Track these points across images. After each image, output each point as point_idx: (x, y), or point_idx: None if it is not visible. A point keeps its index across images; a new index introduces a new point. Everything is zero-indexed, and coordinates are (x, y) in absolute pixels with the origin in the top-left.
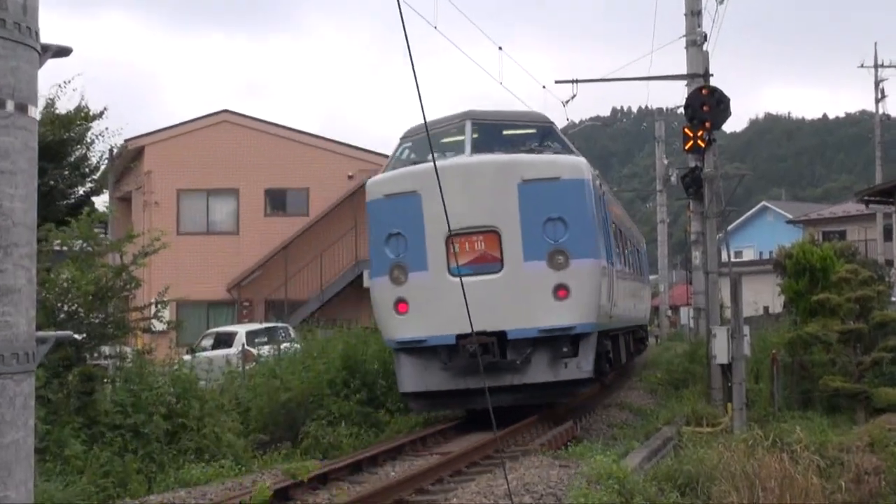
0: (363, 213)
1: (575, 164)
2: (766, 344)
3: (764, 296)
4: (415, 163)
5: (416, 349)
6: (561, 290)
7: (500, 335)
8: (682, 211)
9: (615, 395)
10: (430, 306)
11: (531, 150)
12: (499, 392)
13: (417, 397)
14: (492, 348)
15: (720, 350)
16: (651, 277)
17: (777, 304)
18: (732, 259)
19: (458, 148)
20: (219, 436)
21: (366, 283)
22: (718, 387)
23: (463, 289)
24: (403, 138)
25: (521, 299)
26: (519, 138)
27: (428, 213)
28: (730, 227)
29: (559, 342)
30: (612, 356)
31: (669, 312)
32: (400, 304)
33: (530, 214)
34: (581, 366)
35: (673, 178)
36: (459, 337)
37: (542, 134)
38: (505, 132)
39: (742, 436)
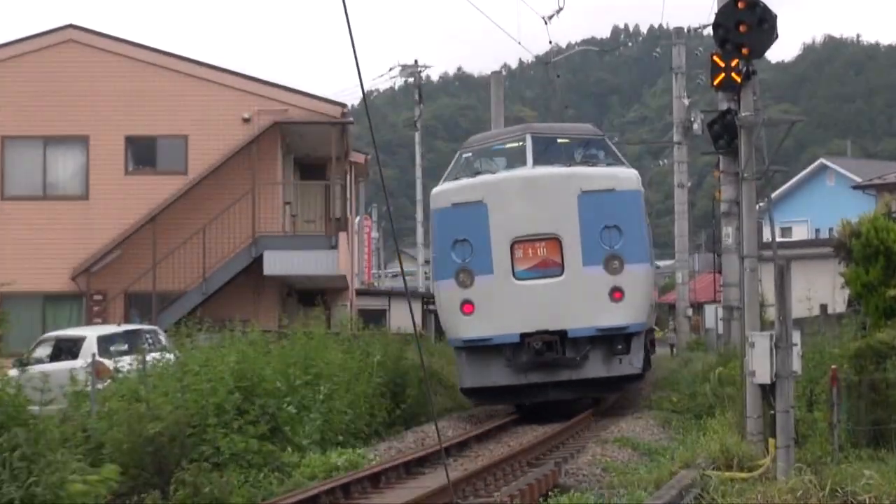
0: (266, 172)
1: (628, 177)
2: (823, 357)
3: (821, 289)
4: (477, 172)
5: (479, 347)
6: (616, 293)
7: (561, 334)
8: (709, 172)
9: (613, 426)
10: (495, 307)
11: (587, 163)
12: (557, 387)
13: (478, 393)
14: (555, 346)
15: (760, 365)
16: (663, 264)
17: (839, 302)
18: (779, 238)
19: (518, 158)
20: (57, 483)
21: (269, 268)
22: (757, 416)
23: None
24: (464, 148)
25: (580, 301)
26: (573, 150)
27: (493, 220)
28: (775, 194)
29: (614, 340)
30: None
31: (690, 312)
32: (466, 305)
33: (589, 223)
34: (633, 362)
35: (696, 126)
36: (524, 335)
37: (594, 146)
38: (560, 143)
39: (789, 483)
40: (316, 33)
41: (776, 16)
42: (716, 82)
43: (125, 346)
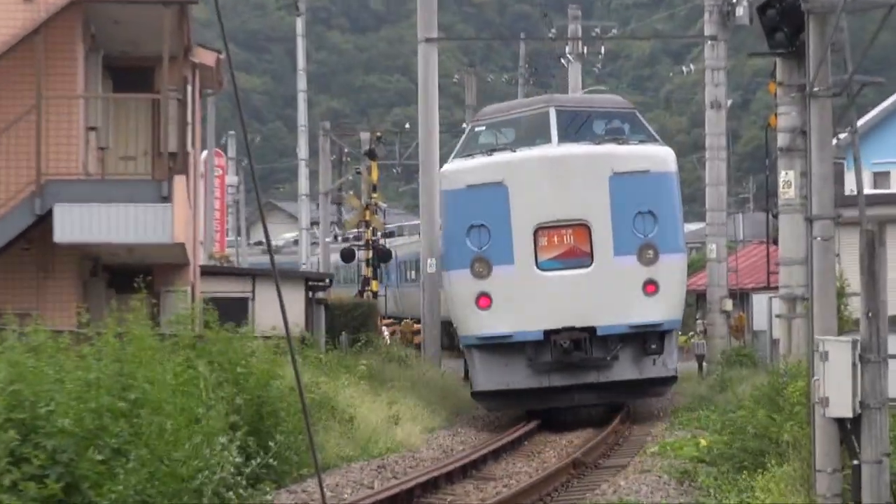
0: (59, 79)
1: (663, 157)
2: None
3: None
4: (493, 149)
5: (495, 346)
6: (650, 286)
7: (590, 331)
8: (760, 85)
9: (607, 485)
10: (515, 301)
11: (618, 140)
12: (583, 390)
13: (494, 396)
14: (584, 344)
15: (836, 388)
16: (689, 229)
17: None
18: (869, 190)
19: (540, 134)
20: None
21: (61, 233)
22: (832, 469)
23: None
24: (476, 121)
25: (611, 294)
26: (602, 125)
27: (515, 204)
28: (863, 121)
29: (647, 338)
30: None
31: (729, 305)
32: (482, 298)
33: (621, 208)
34: (667, 363)
35: (741, 11)
36: (548, 332)
37: (625, 121)
38: (588, 118)
39: None
40: None
41: None
42: None
43: None
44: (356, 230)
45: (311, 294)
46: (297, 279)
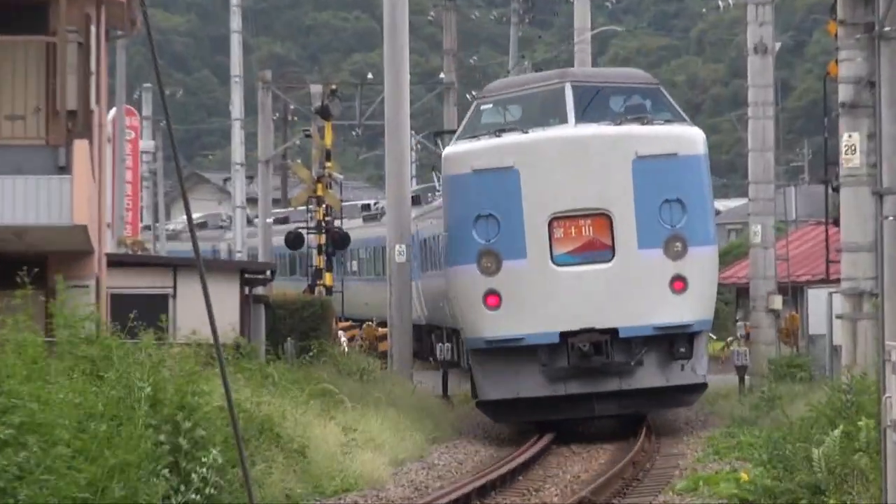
0: None
1: (693, 138)
2: None
3: None
4: (501, 130)
5: (504, 350)
6: (678, 282)
7: (611, 333)
8: (817, 24)
9: None
10: (528, 300)
11: (641, 120)
12: (603, 399)
13: (502, 406)
14: (605, 347)
15: None
16: (722, 205)
17: None
18: None
19: (555, 113)
20: None
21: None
22: None
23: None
24: (482, 98)
25: (635, 292)
26: (623, 103)
27: (527, 191)
28: None
29: (674, 341)
30: None
31: (778, 303)
32: (490, 296)
33: (646, 195)
34: (696, 368)
35: None
36: (564, 335)
37: (647, 97)
38: (608, 95)
39: None
40: None
41: None
42: None
43: None
44: (305, 208)
45: (247, 290)
46: (230, 271)
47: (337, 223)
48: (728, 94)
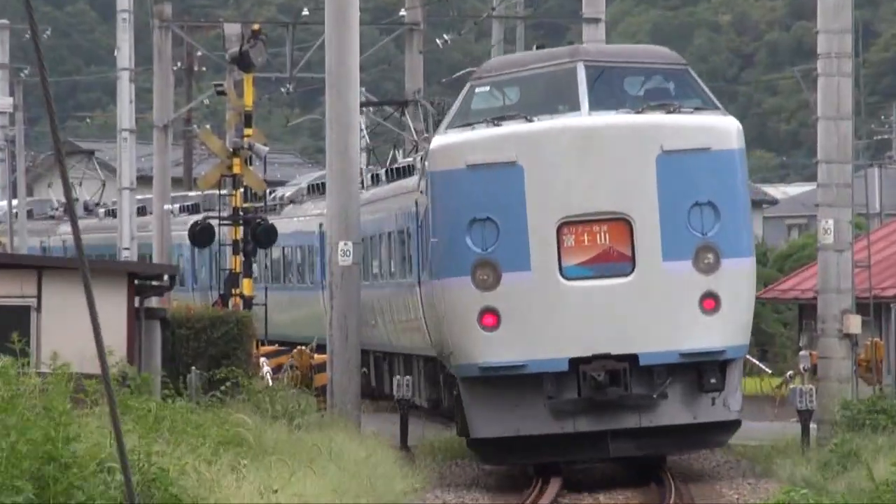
0: None
1: (727, 129)
2: None
3: None
4: (501, 118)
5: (502, 378)
6: (709, 300)
7: (631, 360)
8: None
9: None
10: (532, 319)
11: (667, 108)
12: (619, 438)
13: (498, 445)
14: (623, 377)
15: None
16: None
17: None
18: None
19: (564, 98)
20: None
21: None
22: None
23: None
24: (478, 78)
25: (659, 312)
26: (645, 87)
27: (532, 192)
28: None
29: (704, 370)
30: None
31: (855, 325)
32: (486, 315)
33: (672, 197)
34: (729, 403)
35: None
36: (575, 361)
37: (674, 80)
38: (627, 78)
39: None
40: None
41: None
42: None
43: None
44: (216, 192)
45: (138, 301)
46: (114, 275)
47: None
48: (790, 41)
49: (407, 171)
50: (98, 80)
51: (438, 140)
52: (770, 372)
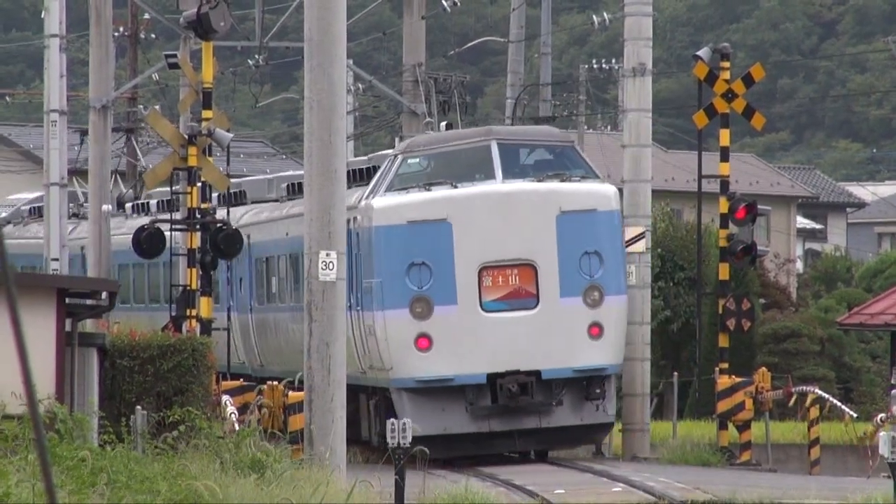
0: None
1: (608, 195)
2: None
3: None
4: (431, 184)
5: (432, 389)
6: (595, 328)
7: (535, 374)
8: None
9: None
10: (457, 343)
11: (561, 177)
12: (524, 436)
13: (427, 442)
14: (529, 388)
15: None
16: (867, 194)
17: None
18: None
19: (481, 169)
20: None
21: None
22: None
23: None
24: (407, 151)
25: (557, 337)
26: (543, 160)
27: (459, 242)
28: None
29: (590, 383)
30: None
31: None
32: (421, 339)
33: (567, 247)
34: (607, 409)
35: None
36: (492, 376)
37: (564, 154)
38: (529, 152)
39: None
40: None
41: None
42: None
43: None
44: (168, 189)
45: (70, 324)
46: (38, 291)
47: (222, 214)
48: (882, 5)
49: (365, 174)
50: (20, 50)
51: (378, 201)
52: (855, 416)
